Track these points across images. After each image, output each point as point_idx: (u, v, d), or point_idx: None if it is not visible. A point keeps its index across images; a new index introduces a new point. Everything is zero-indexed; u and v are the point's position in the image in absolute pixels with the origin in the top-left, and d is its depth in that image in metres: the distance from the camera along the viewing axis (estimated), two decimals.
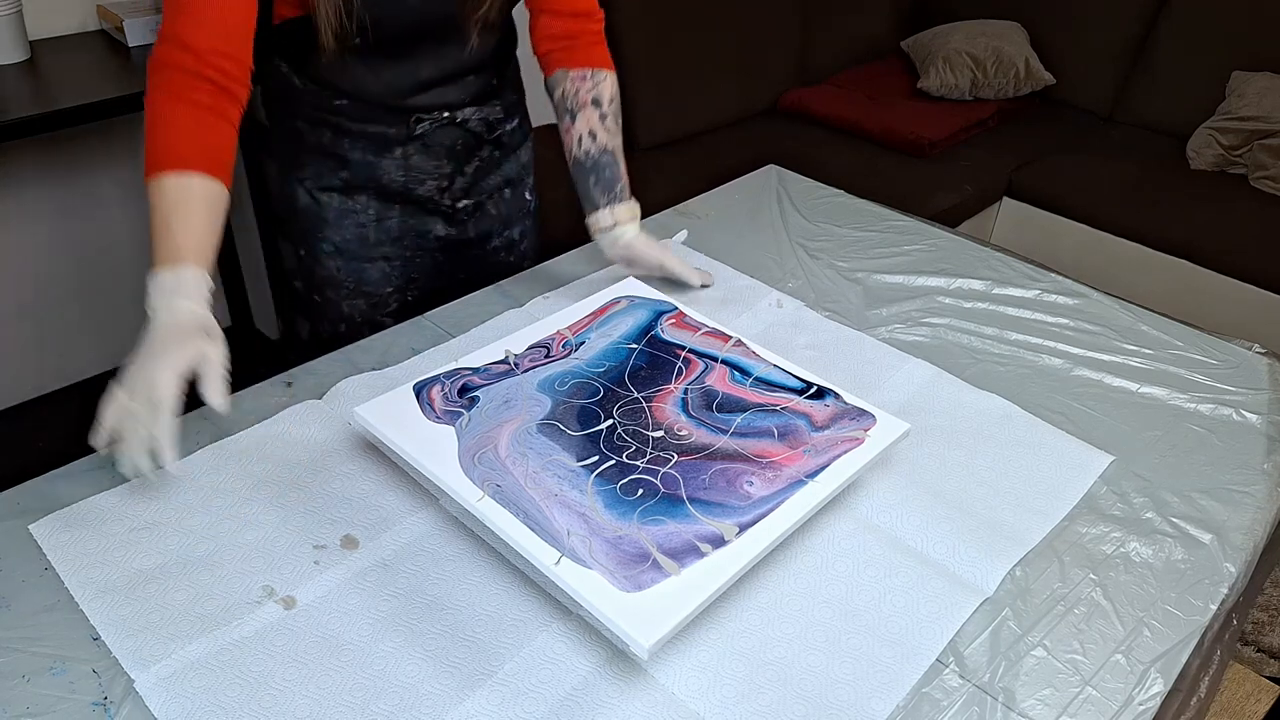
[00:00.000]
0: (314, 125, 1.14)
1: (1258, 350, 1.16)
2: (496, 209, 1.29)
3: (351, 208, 1.18)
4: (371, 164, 1.15)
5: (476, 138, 1.21)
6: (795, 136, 2.66)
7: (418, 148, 1.16)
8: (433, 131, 1.16)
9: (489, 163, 1.25)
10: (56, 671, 0.69)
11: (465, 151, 1.21)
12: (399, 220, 1.21)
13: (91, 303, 2.04)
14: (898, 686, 0.72)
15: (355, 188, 1.17)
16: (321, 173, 1.16)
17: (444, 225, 1.25)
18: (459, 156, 1.20)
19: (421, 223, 1.23)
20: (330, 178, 1.17)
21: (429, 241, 1.25)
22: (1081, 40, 2.95)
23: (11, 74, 1.60)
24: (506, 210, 1.30)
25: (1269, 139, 2.51)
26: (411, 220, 1.22)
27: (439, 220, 1.24)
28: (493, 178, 1.26)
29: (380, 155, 1.15)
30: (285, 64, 1.12)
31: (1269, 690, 1.68)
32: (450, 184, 1.21)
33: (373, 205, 1.19)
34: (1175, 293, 2.37)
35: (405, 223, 1.22)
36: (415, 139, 1.15)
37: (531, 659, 0.72)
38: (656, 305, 1.05)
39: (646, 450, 0.84)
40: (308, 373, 1.01)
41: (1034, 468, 0.94)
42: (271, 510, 0.83)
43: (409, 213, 1.22)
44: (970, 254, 1.32)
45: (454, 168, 1.20)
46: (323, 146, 1.15)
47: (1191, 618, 0.80)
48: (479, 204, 1.26)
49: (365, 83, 1.10)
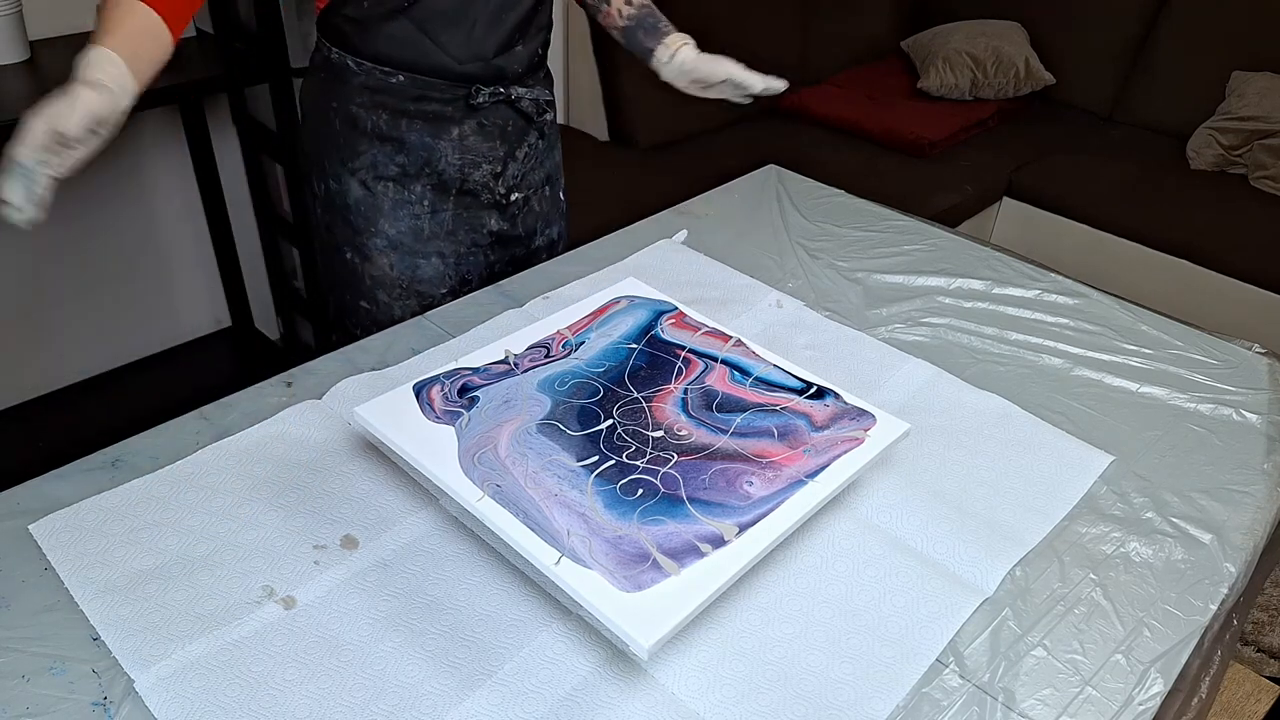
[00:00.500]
0: (370, 108, 1.15)
1: (1258, 350, 1.16)
2: (540, 205, 1.31)
3: (406, 198, 1.20)
4: (429, 146, 1.17)
5: (527, 119, 1.23)
6: (795, 136, 2.66)
7: (474, 127, 1.18)
8: (489, 109, 1.18)
9: (535, 151, 1.27)
10: (56, 671, 0.69)
11: (517, 135, 1.23)
12: (453, 213, 1.23)
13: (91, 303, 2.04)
14: (898, 686, 0.72)
15: (411, 175, 1.19)
16: (378, 161, 1.18)
17: (497, 219, 1.27)
18: (511, 139, 1.23)
19: (475, 216, 1.25)
20: (387, 165, 1.18)
21: (482, 237, 1.26)
22: (1081, 40, 2.95)
23: (11, 74, 1.60)
24: (547, 208, 1.33)
25: (1269, 139, 2.51)
26: (465, 213, 1.24)
27: (493, 213, 1.26)
28: (537, 172, 1.29)
29: (438, 136, 1.17)
30: (337, 50, 1.15)
31: (1269, 690, 1.68)
32: (504, 169, 1.23)
33: (428, 196, 1.20)
34: (1175, 293, 2.37)
35: (459, 215, 1.23)
36: (472, 117, 1.18)
37: (531, 659, 0.72)
38: (656, 305, 1.05)
39: (646, 450, 0.84)
40: (308, 373, 1.01)
41: (1034, 468, 0.94)
42: (271, 510, 0.83)
43: (463, 204, 1.23)
44: (970, 254, 1.32)
45: (506, 150, 1.23)
46: (380, 130, 1.16)
47: (1191, 618, 0.80)
48: (526, 199, 1.28)
49: (422, 51, 1.12)
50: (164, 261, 2.12)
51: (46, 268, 1.94)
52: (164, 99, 1.66)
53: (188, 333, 2.23)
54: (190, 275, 2.18)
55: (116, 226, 2.00)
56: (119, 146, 1.93)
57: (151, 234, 2.07)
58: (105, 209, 1.97)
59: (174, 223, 2.09)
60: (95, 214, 1.96)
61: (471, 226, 1.25)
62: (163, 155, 1.99)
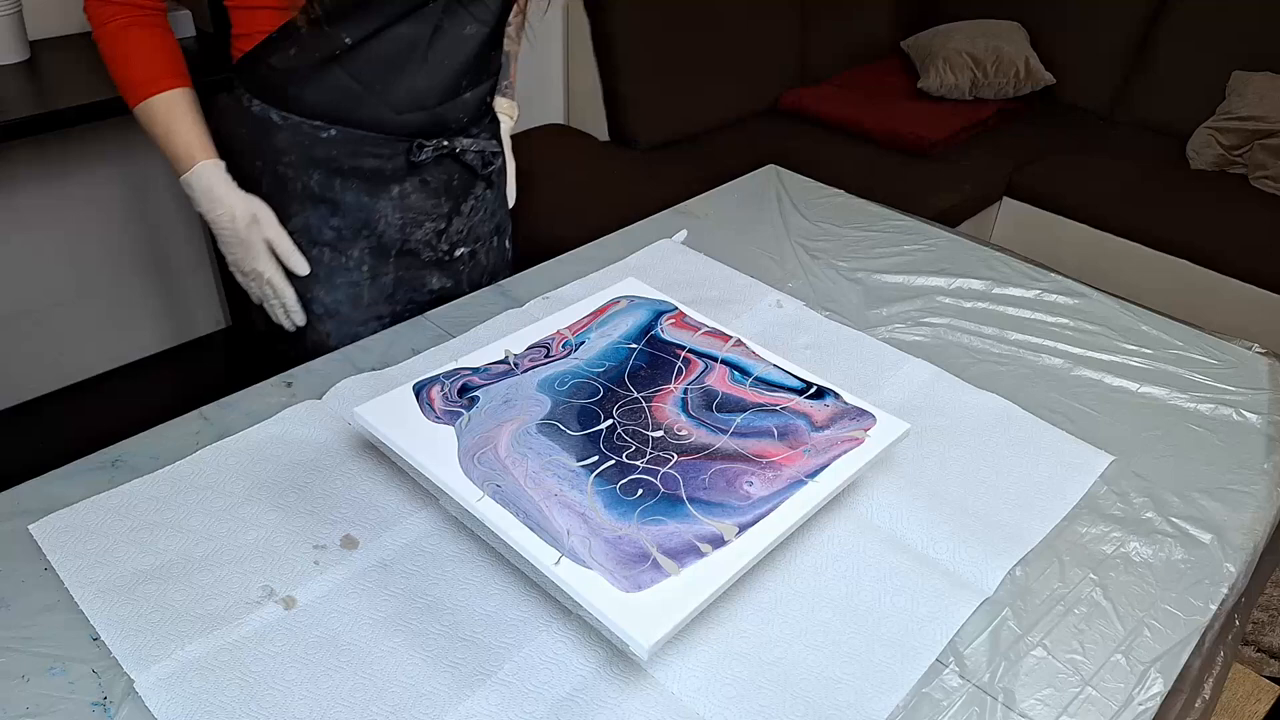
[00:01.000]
0: (301, 167, 1.06)
1: (1258, 350, 1.16)
2: (486, 258, 1.26)
3: (344, 264, 1.11)
4: (367, 207, 1.09)
5: (472, 173, 1.17)
6: (795, 136, 2.66)
7: (415, 184, 1.11)
8: (430, 164, 1.11)
9: (483, 203, 1.21)
10: (56, 671, 0.69)
11: (462, 189, 1.16)
12: (394, 275, 1.15)
13: (92, 302, 2.04)
14: (898, 686, 0.72)
15: (348, 239, 1.10)
16: (310, 224, 1.09)
17: (439, 277, 1.20)
18: (456, 194, 1.16)
19: (416, 276, 1.18)
20: (321, 229, 1.09)
21: (421, 295, 1.19)
22: (1081, 40, 2.95)
23: (11, 74, 1.60)
24: (494, 260, 1.27)
25: (1269, 139, 2.51)
26: (406, 274, 1.16)
27: (434, 271, 1.19)
28: (486, 224, 1.23)
29: (376, 196, 1.09)
30: (259, 100, 1.05)
31: (1269, 690, 1.68)
32: (448, 225, 1.17)
33: (367, 260, 1.13)
34: (1175, 293, 2.37)
35: (399, 277, 1.16)
36: (413, 173, 1.10)
37: (531, 659, 0.72)
38: (656, 305, 1.05)
39: (646, 450, 0.84)
40: (308, 373, 1.01)
41: (1034, 468, 0.94)
42: (271, 510, 0.83)
43: (404, 265, 1.16)
44: (970, 254, 1.32)
45: (451, 206, 1.16)
46: (312, 192, 1.07)
47: (1192, 618, 0.80)
48: (473, 253, 1.23)
49: (356, 101, 1.03)
50: (164, 261, 2.12)
51: (46, 268, 1.94)
52: None
53: (188, 333, 2.23)
54: (190, 275, 2.18)
55: (116, 226, 2.00)
56: (119, 147, 1.94)
57: (151, 234, 2.07)
58: (105, 209, 1.97)
59: (174, 223, 2.09)
60: (95, 214, 1.96)
61: (412, 287, 1.18)
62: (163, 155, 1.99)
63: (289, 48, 1.01)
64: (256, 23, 1.02)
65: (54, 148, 1.85)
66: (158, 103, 1.02)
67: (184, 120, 1.03)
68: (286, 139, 1.05)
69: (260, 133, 1.06)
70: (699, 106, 2.60)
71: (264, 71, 1.04)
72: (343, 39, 0.99)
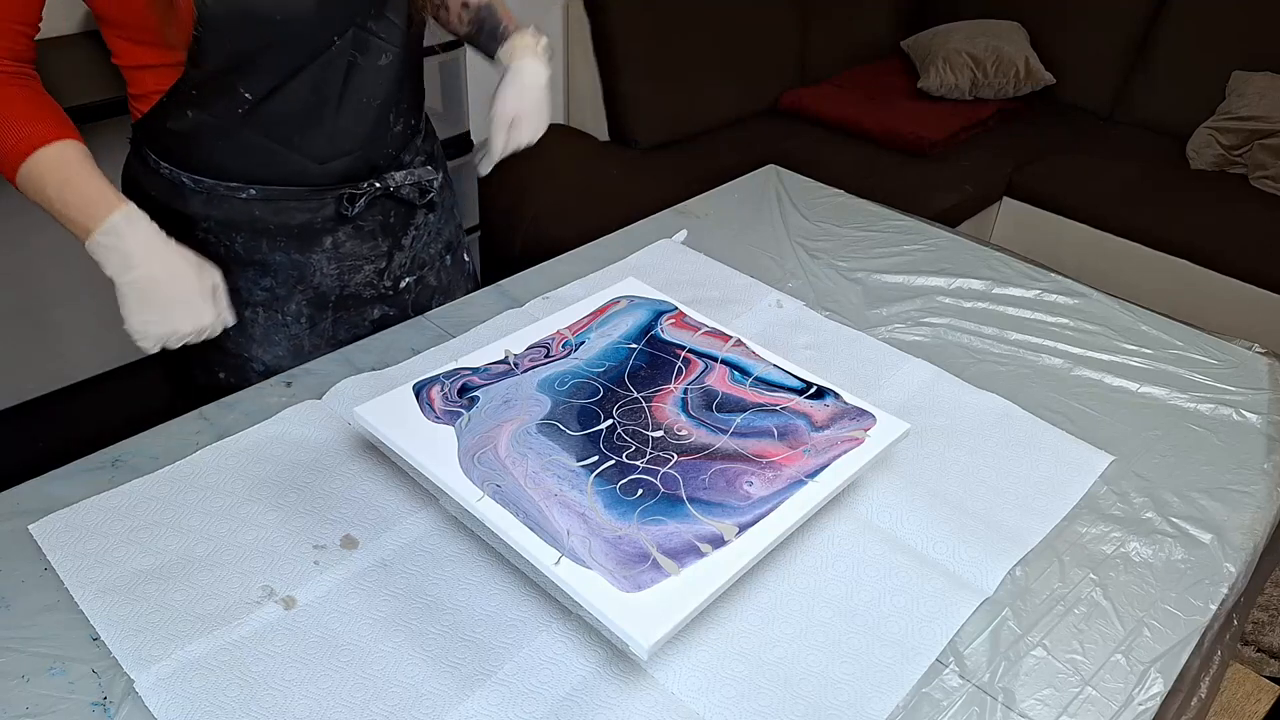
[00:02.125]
0: (222, 231, 0.98)
1: (1258, 350, 1.16)
2: (438, 278, 1.18)
3: (281, 321, 1.04)
4: (299, 264, 1.02)
5: (410, 206, 1.09)
6: (795, 136, 2.66)
7: (349, 232, 1.04)
8: (364, 210, 1.03)
9: (425, 229, 1.13)
10: (56, 671, 0.69)
11: (400, 224, 1.08)
12: (333, 318, 1.08)
13: (91, 303, 2.03)
14: (898, 686, 0.72)
15: (282, 297, 1.03)
16: (241, 287, 1.01)
17: (382, 308, 1.12)
18: (394, 232, 1.08)
19: (359, 313, 1.11)
20: (252, 290, 1.01)
21: (365, 329, 1.11)
22: (1081, 40, 2.95)
23: None
24: (448, 278, 1.20)
25: (1269, 139, 2.51)
26: (347, 314, 1.09)
27: (379, 305, 1.12)
28: (432, 246, 1.15)
29: (307, 251, 1.02)
30: (167, 165, 0.97)
31: (1269, 690, 1.68)
32: (389, 263, 1.09)
33: (304, 312, 1.05)
34: (1175, 293, 2.37)
35: (340, 318, 1.09)
36: (345, 222, 1.03)
37: (531, 659, 0.72)
38: (656, 305, 1.05)
39: (646, 450, 0.84)
40: (308, 373, 1.01)
41: (1034, 468, 0.94)
42: (271, 510, 0.83)
43: (344, 306, 1.08)
44: (970, 254, 1.32)
45: (390, 245, 1.08)
46: (237, 254, 0.99)
47: (1191, 618, 0.80)
48: (420, 279, 1.14)
49: (271, 158, 0.95)
50: None
51: (46, 268, 1.94)
52: None
53: None
54: None
55: None
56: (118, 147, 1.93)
57: None
58: None
59: None
60: None
61: (353, 324, 1.10)
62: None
63: (185, 109, 0.92)
64: (147, 83, 0.93)
65: None
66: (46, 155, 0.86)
67: (82, 171, 0.88)
68: (201, 203, 0.97)
69: (173, 195, 0.97)
70: (699, 106, 2.60)
71: (165, 136, 0.95)
72: (243, 95, 0.90)
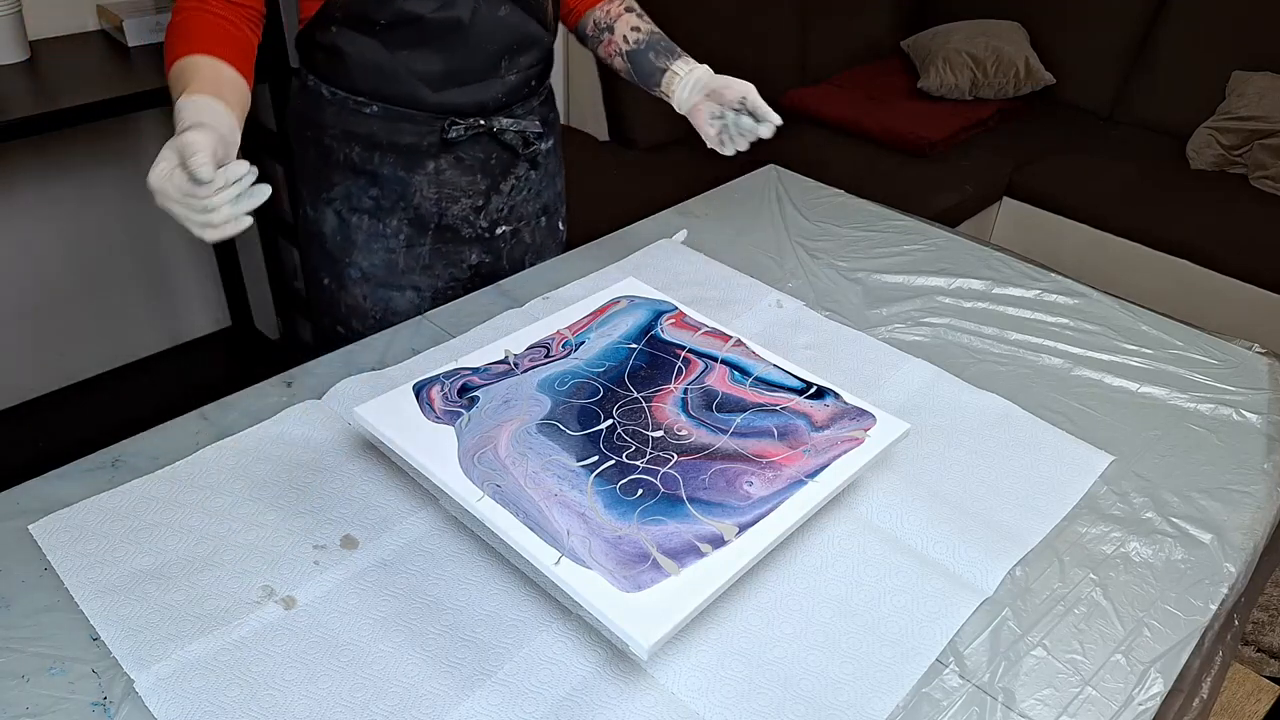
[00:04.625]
0: (344, 140, 1.12)
1: (1258, 350, 1.16)
2: (532, 237, 1.27)
3: (381, 231, 1.16)
4: (403, 181, 1.13)
5: (512, 153, 1.18)
6: (795, 136, 2.65)
7: (450, 161, 1.14)
8: (466, 142, 1.13)
9: (527, 183, 1.22)
10: (56, 671, 0.69)
11: (500, 168, 1.18)
12: (430, 247, 1.18)
13: (91, 303, 2.04)
14: (898, 686, 0.72)
15: (386, 209, 1.15)
16: (351, 192, 1.14)
17: (479, 252, 1.22)
18: (494, 173, 1.17)
19: (455, 250, 1.20)
20: (360, 197, 1.14)
21: (461, 271, 1.22)
22: (1081, 40, 2.95)
23: (11, 74, 1.60)
24: (541, 239, 1.28)
25: (1269, 139, 2.51)
26: (444, 247, 1.19)
27: (475, 247, 1.21)
28: (531, 204, 1.24)
29: (412, 170, 1.13)
30: (313, 76, 1.12)
31: (1269, 690, 1.68)
32: (486, 203, 1.19)
33: (404, 230, 1.17)
34: (1175, 293, 2.37)
35: (437, 249, 1.19)
36: (448, 150, 1.13)
37: (531, 659, 0.72)
38: (656, 305, 1.05)
39: (646, 450, 0.84)
40: (308, 373, 1.01)
41: (1034, 468, 0.94)
42: (271, 510, 0.83)
43: (442, 238, 1.18)
44: (970, 254, 1.32)
45: (489, 184, 1.18)
46: (353, 163, 1.13)
47: (1191, 618, 0.80)
48: (515, 231, 1.23)
49: (395, 79, 1.08)
50: (164, 261, 2.12)
51: (46, 268, 1.94)
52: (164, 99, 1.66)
53: (188, 333, 2.23)
54: (190, 275, 2.18)
55: (116, 226, 2.00)
56: (119, 147, 1.94)
57: (151, 234, 2.07)
58: (105, 209, 1.97)
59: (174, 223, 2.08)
60: (95, 214, 1.96)
61: (450, 261, 1.21)
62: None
63: (330, 25, 1.06)
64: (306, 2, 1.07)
65: (54, 148, 1.85)
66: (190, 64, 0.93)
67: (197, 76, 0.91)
68: (333, 114, 1.11)
69: (312, 107, 1.13)
70: None
71: (313, 49, 1.10)
72: (375, 18, 1.03)
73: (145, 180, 0.86)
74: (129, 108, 1.57)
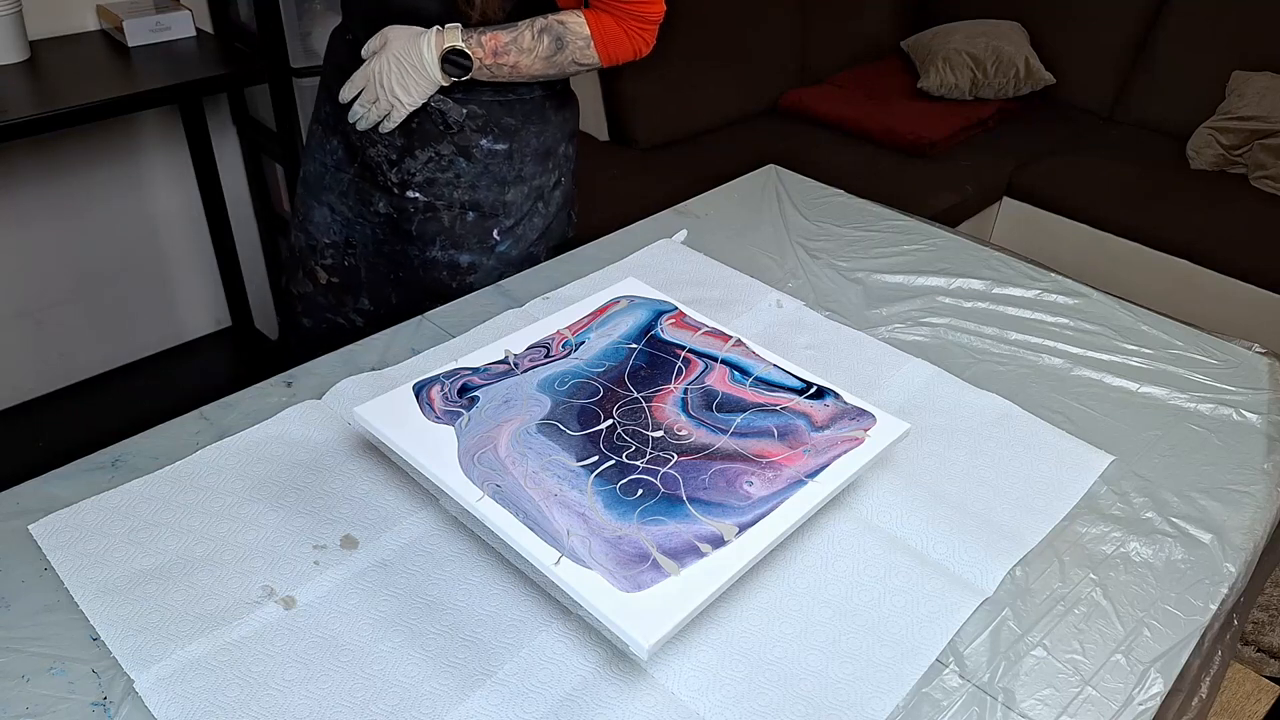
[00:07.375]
0: (331, 69, 1.26)
1: (1258, 350, 1.16)
2: (452, 224, 1.25)
3: (323, 144, 1.29)
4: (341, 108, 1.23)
5: (434, 124, 1.20)
6: (795, 136, 2.66)
7: None
8: None
9: (449, 166, 1.22)
10: (56, 671, 0.69)
11: (420, 136, 1.20)
12: (352, 176, 1.28)
13: (91, 303, 2.04)
14: (898, 686, 0.72)
15: (331, 128, 1.27)
16: (320, 105, 1.30)
17: (386, 203, 1.26)
18: (413, 135, 1.20)
19: (369, 191, 1.27)
20: (320, 109, 1.29)
21: (372, 215, 1.28)
22: (1081, 40, 2.95)
23: (11, 74, 1.60)
24: (463, 232, 1.25)
25: (1269, 139, 2.51)
26: (362, 184, 1.27)
27: (385, 197, 1.26)
28: (455, 190, 1.23)
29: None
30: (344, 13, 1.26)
31: (1269, 690, 1.68)
32: (399, 160, 1.22)
33: (339, 151, 1.27)
34: (1175, 293, 2.37)
35: (355, 182, 1.28)
36: None
37: (531, 659, 0.72)
38: (656, 305, 1.05)
39: (646, 450, 0.84)
40: (308, 373, 1.01)
41: (1034, 468, 0.94)
42: (271, 510, 0.83)
43: (362, 174, 1.26)
44: (970, 254, 1.32)
45: (405, 143, 1.21)
46: (328, 86, 1.26)
47: (1191, 618, 0.80)
48: (431, 205, 1.24)
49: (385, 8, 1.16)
50: (164, 261, 2.12)
51: (46, 268, 1.94)
52: (164, 99, 1.67)
53: (188, 333, 2.23)
54: (190, 275, 2.18)
55: (116, 226, 2.00)
56: (119, 147, 1.94)
57: (151, 234, 2.07)
58: (105, 209, 1.97)
59: (174, 223, 2.09)
60: (95, 214, 1.96)
61: (363, 199, 1.28)
62: (163, 155, 2.00)
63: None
64: None
65: (54, 148, 1.85)
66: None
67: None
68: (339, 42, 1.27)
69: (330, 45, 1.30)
70: (699, 106, 2.60)
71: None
72: None
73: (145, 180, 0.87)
74: (129, 108, 1.57)
